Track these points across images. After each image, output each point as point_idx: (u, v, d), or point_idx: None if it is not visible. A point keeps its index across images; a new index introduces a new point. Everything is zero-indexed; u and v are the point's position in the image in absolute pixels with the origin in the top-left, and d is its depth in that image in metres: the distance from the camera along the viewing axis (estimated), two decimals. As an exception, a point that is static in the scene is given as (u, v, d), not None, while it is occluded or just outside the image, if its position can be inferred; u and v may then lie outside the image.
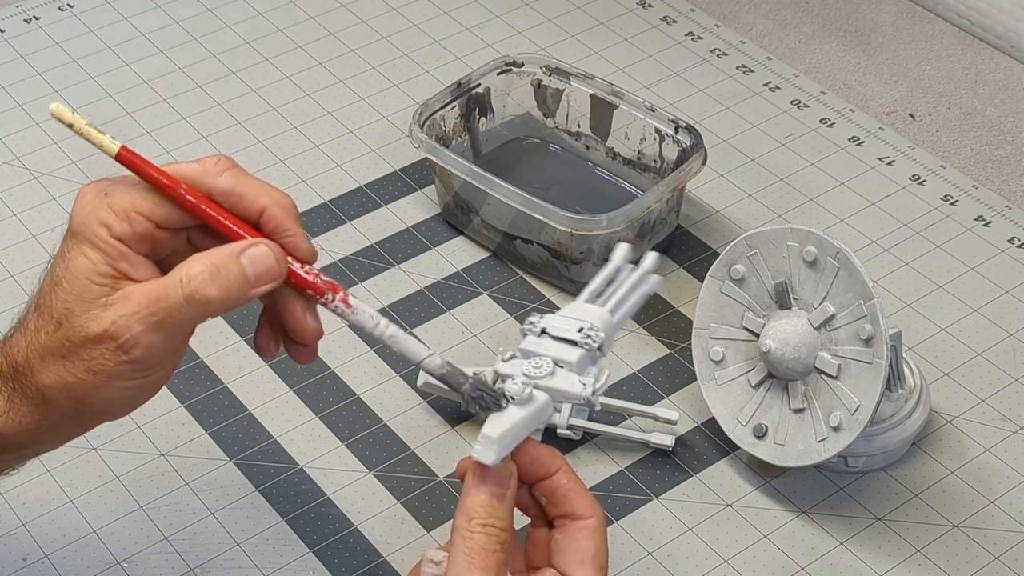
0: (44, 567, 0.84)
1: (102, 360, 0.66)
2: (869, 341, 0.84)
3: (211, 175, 0.67)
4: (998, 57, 1.23)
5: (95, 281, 0.66)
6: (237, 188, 0.67)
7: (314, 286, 0.68)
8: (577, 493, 0.70)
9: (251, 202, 0.68)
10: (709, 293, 0.91)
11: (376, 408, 0.93)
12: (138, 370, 0.67)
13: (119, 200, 0.66)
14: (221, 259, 0.66)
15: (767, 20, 1.26)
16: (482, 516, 0.67)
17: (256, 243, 0.67)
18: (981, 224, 1.06)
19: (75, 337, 0.66)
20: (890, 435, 0.88)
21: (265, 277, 0.66)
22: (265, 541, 0.86)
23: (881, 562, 0.85)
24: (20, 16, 1.24)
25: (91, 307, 0.65)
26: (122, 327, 0.65)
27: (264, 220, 0.68)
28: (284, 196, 0.69)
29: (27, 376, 0.67)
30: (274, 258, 0.67)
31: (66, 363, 0.66)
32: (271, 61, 1.20)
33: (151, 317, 0.65)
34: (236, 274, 0.66)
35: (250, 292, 0.66)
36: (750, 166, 1.11)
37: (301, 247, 0.69)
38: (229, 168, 0.68)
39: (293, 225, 0.68)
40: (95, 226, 0.66)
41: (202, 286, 0.65)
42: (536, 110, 1.09)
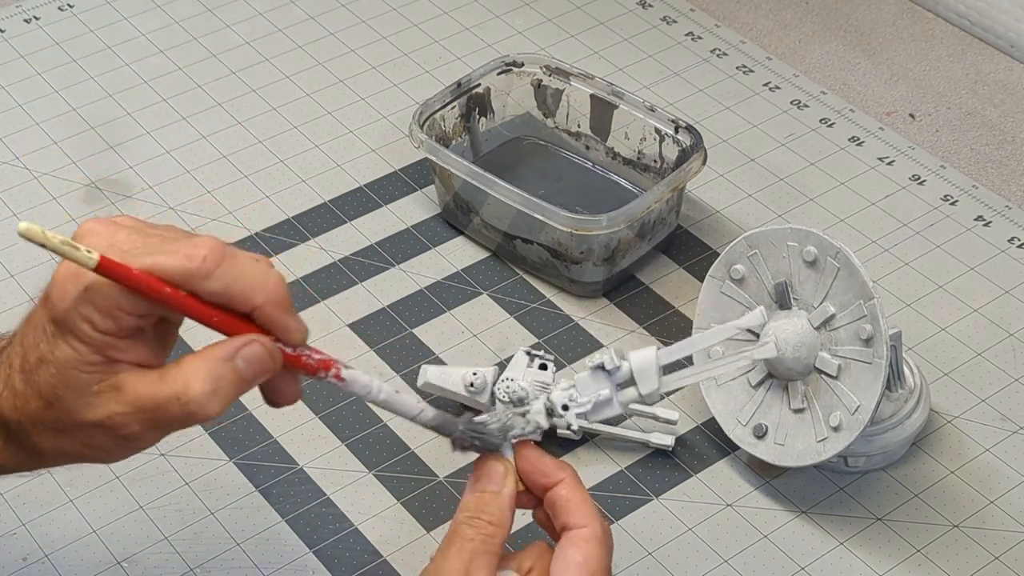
0: (44, 567, 0.84)
1: (100, 440, 0.66)
2: (869, 341, 0.84)
3: (199, 277, 0.64)
4: (998, 57, 1.23)
5: (83, 370, 0.64)
6: (228, 290, 0.64)
7: (307, 367, 0.67)
8: (576, 504, 0.70)
9: (242, 302, 0.65)
10: (709, 293, 0.91)
11: (376, 408, 0.93)
12: (134, 450, 0.67)
13: (102, 298, 0.63)
14: (218, 369, 0.64)
15: (767, 20, 1.26)
16: (471, 510, 0.69)
17: (250, 342, 0.65)
18: (981, 224, 1.06)
19: (69, 419, 0.65)
20: (890, 435, 0.88)
21: (260, 375, 0.66)
22: (265, 541, 0.86)
23: (881, 562, 0.85)
24: (20, 16, 1.24)
25: (83, 394, 0.64)
26: (120, 423, 0.64)
27: (256, 316, 0.66)
28: (277, 287, 0.66)
29: (23, 436, 0.67)
30: (269, 355, 0.65)
31: (63, 436, 0.66)
32: (271, 61, 1.20)
33: (149, 422, 0.65)
34: (233, 380, 0.65)
35: (245, 390, 0.66)
36: (750, 166, 1.11)
37: (293, 338, 0.67)
38: (219, 263, 0.64)
39: (285, 318, 0.66)
40: (78, 321, 0.63)
41: (202, 408, 0.64)
42: (536, 110, 1.09)
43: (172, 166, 1.10)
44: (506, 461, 0.70)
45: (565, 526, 0.69)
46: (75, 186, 1.08)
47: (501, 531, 0.68)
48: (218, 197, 1.07)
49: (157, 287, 0.63)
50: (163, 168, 1.10)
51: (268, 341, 0.66)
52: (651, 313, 0.99)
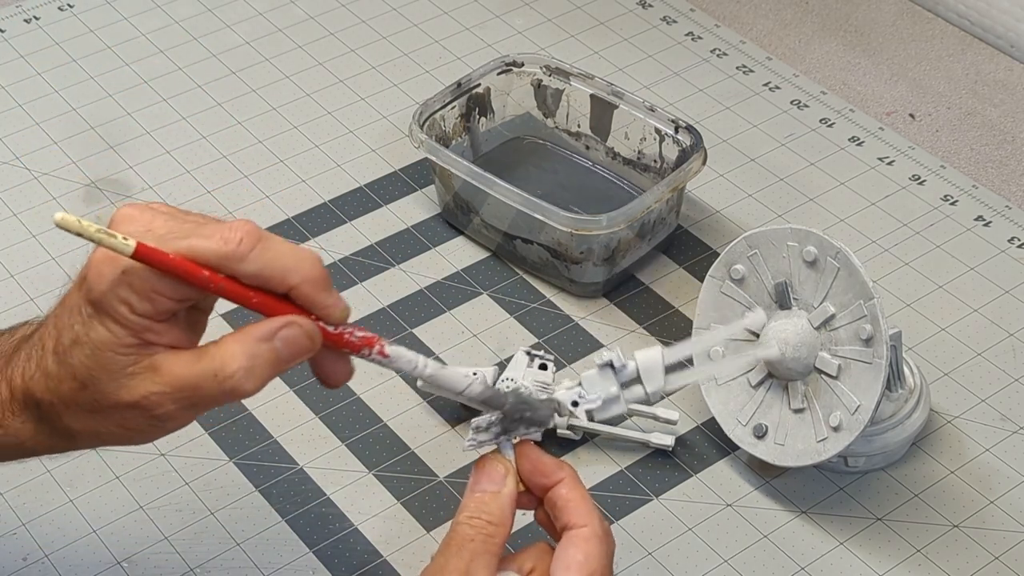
0: (44, 567, 0.84)
1: (134, 421, 0.66)
2: (869, 341, 0.84)
3: (235, 259, 0.64)
4: (998, 57, 1.23)
5: (120, 352, 0.64)
6: (264, 271, 0.65)
7: (350, 345, 0.67)
8: (575, 503, 0.70)
9: (279, 283, 0.65)
10: (709, 293, 0.91)
11: (376, 408, 0.93)
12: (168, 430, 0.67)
13: (139, 281, 0.64)
14: (255, 348, 0.65)
15: (767, 20, 1.26)
16: (472, 510, 0.69)
17: (289, 323, 0.65)
18: (981, 224, 1.06)
19: (104, 400, 0.65)
20: (890, 435, 0.88)
21: (299, 355, 0.66)
22: (265, 541, 0.86)
23: (881, 562, 0.85)
24: (20, 16, 1.24)
25: (118, 376, 0.65)
26: (156, 403, 0.65)
27: (294, 296, 0.66)
28: (313, 267, 0.66)
29: (55, 418, 0.67)
30: (307, 336, 0.66)
31: (96, 417, 0.66)
32: (271, 61, 1.20)
33: (185, 401, 0.65)
34: (270, 360, 0.65)
35: (283, 370, 0.66)
36: (750, 166, 1.11)
37: (332, 316, 0.67)
38: (254, 245, 0.65)
39: (323, 296, 0.66)
40: (116, 304, 0.64)
41: (239, 384, 0.64)
42: (536, 110, 1.09)
43: (172, 166, 1.10)
44: (506, 461, 0.70)
45: (566, 526, 0.69)
46: (75, 186, 1.08)
47: (501, 531, 0.68)
48: (218, 197, 1.07)
49: (194, 271, 0.64)
50: (163, 168, 1.10)
51: (307, 322, 0.66)
52: (651, 313, 0.99)
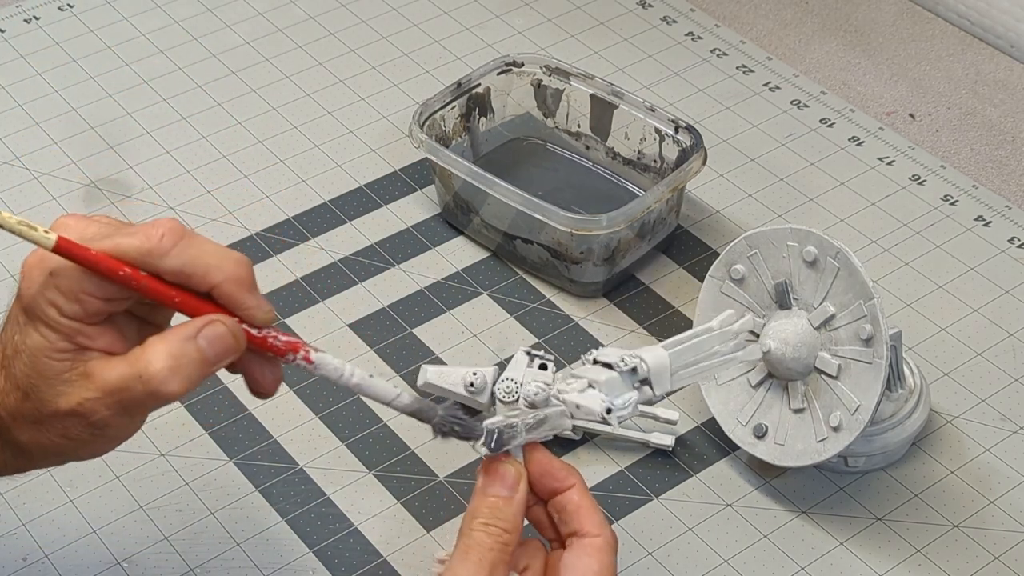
0: (44, 567, 0.84)
1: (74, 431, 0.66)
2: (869, 341, 0.84)
3: (157, 255, 0.65)
4: (998, 57, 1.23)
5: (54, 358, 0.65)
6: (186, 268, 0.65)
7: (274, 348, 0.67)
8: (588, 511, 0.70)
9: (201, 280, 0.65)
10: (709, 293, 0.91)
11: (376, 408, 0.93)
12: (112, 438, 0.68)
13: (66, 282, 0.64)
14: (179, 348, 0.64)
15: (767, 20, 1.26)
16: (485, 516, 0.68)
17: (211, 321, 0.65)
18: (981, 224, 1.06)
19: (44, 409, 0.65)
20: (890, 435, 0.88)
21: (223, 355, 0.66)
22: (265, 541, 0.86)
23: (881, 562, 0.85)
24: (20, 16, 1.24)
25: (55, 383, 0.65)
26: (89, 409, 0.65)
27: (216, 295, 0.66)
28: (236, 266, 0.66)
29: (4, 431, 0.68)
30: (231, 335, 0.66)
31: (40, 428, 0.66)
32: (271, 61, 1.20)
33: (117, 404, 0.65)
34: (195, 360, 0.65)
35: (210, 371, 0.66)
36: (750, 166, 1.11)
37: (256, 318, 0.67)
38: (176, 242, 0.65)
39: (246, 297, 0.66)
40: (45, 307, 0.64)
41: (163, 384, 0.64)
42: (536, 110, 1.09)
43: (172, 166, 1.10)
44: (518, 464, 0.70)
45: (576, 533, 0.70)
46: (75, 186, 1.08)
47: (515, 537, 0.68)
48: (218, 197, 1.07)
49: (115, 266, 0.64)
50: (163, 168, 1.10)
51: (230, 320, 0.66)
52: (651, 313, 0.99)
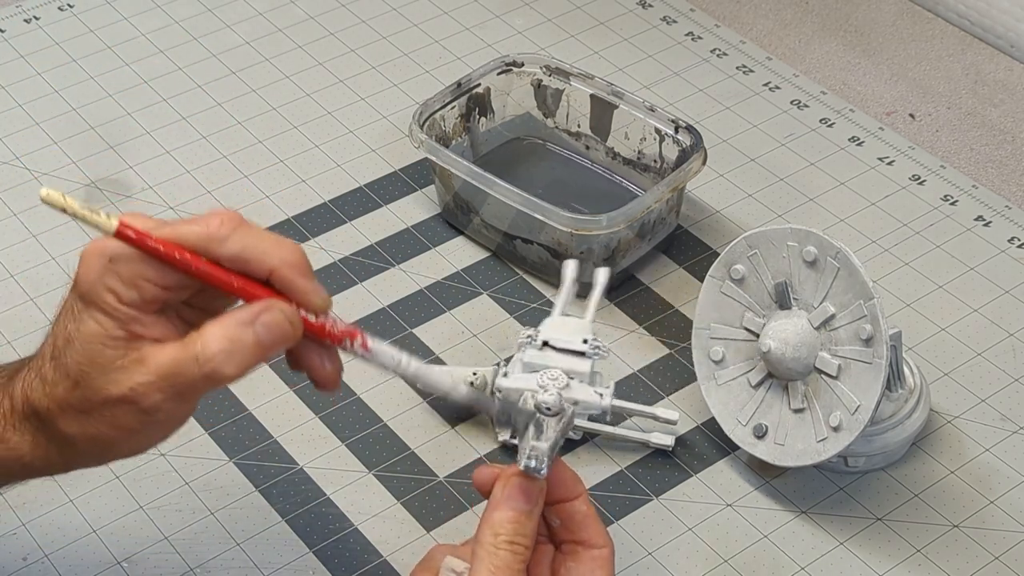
0: (44, 567, 0.84)
1: (124, 419, 0.66)
2: (869, 341, 0.84)
3: (216, 241, 0.65)
4: (998, 57, 1.23)
5: (108, 345, 0.65)
6: (244, 253, 0.66)
7: (331, 335, 0.67)
8: (594, 521, 0.70)
9: (259, 265, 0.66)
10: (709, 293, 0.91)
11: (376, 408, 0.93)
12: (161, 427, 0.67)
13: (125, 268, 0.65)
14: (236, 332, 0.65)
15: (767, 20, 1.26)
16: (509, 533, 0.67)
17: (269, 308, 0.66)
18: (981, 224, 1.06)
19: (95, 397, 0.65)
20: (890, 435, 0.88)
21: (280, 342, 0.66)
22: (265, 541, 0.86)
23: (881, 562, 0.85)
24: (20, 16, 1.24)
25: (107, 370, 0.65)
26: (142, 394, 0.65)
27: (274, 280, 0.66)
28: (293, 252, 0.67)
29: (51, 424, 0.67)
30: (288, 322, 0.66)
31: (88, 418, 0.66)
32: (271, 61, 1.20)
33: (170, 388, 0.65)
34: (251, 345, 0.65)
35: (266, 357, 0.66)
36: (750, 166, 1.11)
37: (313, 303, 0.67)
38: (235, 228, 0.66)
39: (304, 282, 0.67)
40: (103, 293, 0.65)
41: (219, 367, 0.65)
42: (536, 110, 1.09)
43: (172, 166, 1.10)
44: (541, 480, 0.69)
45: (583, 542, 0.70)
46: (75, 186, 1.08)
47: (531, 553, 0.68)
48: (218, 197, 1.07)
49: (175, 251, 0.65)
50: (163, 168, 1.10)
51: (287, 307, 0.66)
52: (651, 313, 0.99)
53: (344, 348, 0.68)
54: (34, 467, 0.70)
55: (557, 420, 0.69)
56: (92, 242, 0.66)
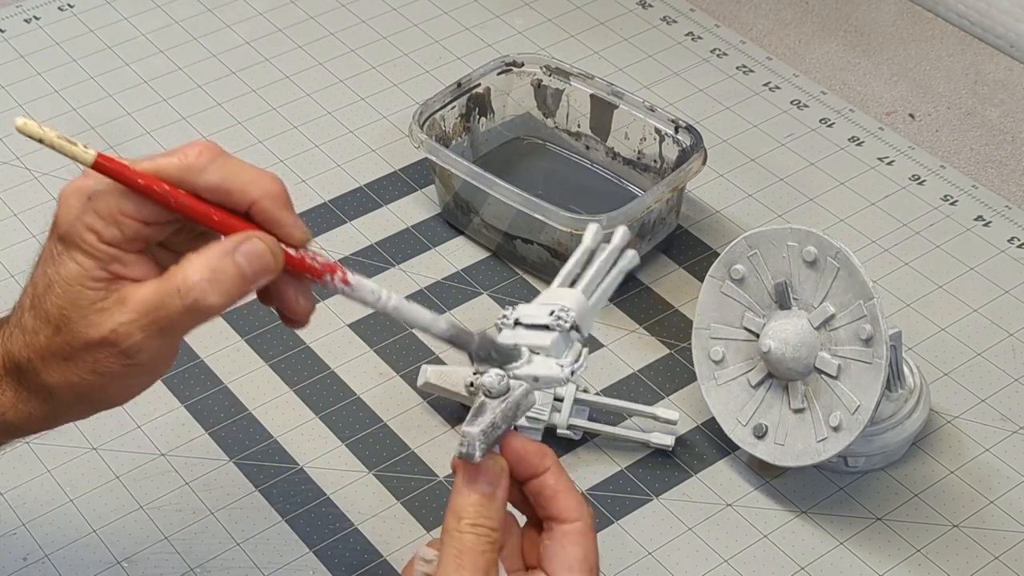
0: (44, 567, 0.84)
1: (106, 363, 0.65)
2: (869, 341, 0.84)
3: (195, 171, 0.65)
4: (998, 57, 1.23)
5: (89, 287, 0.64)
6: (224, 183, 0.65)
7: (312, 270, 0.66)
8: (564, 494, 0.68)
9: (240, 196, 0.65)
10: (709, 293, 0.91)
11: (376, 408, 0.93)
12: (142, 371, 0.66)
13: (104, 205, 0.64)
14: (217, 262, 0.64)
15: (767, 20, 1.26)
16: (472, 516, 0.66)
17: (249, 238, 0.65)
18: (981, 224, 1.06)
19: (75, 342, 0.65)
20: (890, 435, 0.88)
21: (262, 273, 0.65)
22: (265, 541, 0.86)
23: (881, 562, 0.85)
24: (20, 16, 1.24)
25: (88, 312, 0.64)
26: (123, 335, 0.64)
27: (254, 212, 0.66)
28: (273, 183, 0.66)
29: (32, 375, 0.67)
30: (270, 252, 0.65)
31: (69, 364, 0.66)
32: (271, 61, 1.20)
33: (152, 325, 0.64)
34: (233, 275, 0.64)
35: (248, 289, 0.65)
36: (750, 166, 1.11)
37: (294, 236, 0.66)
38: (213, 159, 0.65)
39: (284, 214, 0.66)
40: (83, 232, 0.64)
41: (202, 296, 0.64)
42: (536, 110, 1.09)
43: (172, 166, 1.10)
44: (499, 458, 0.68)
45: (555, 518, 0.68)
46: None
47: (500, 535, 0.67)
48: (218, 197, 1.07)
49: (154, 183, 0.64)
50: (163, 168, 1.10)
51: (268, 237, 0.65)
52: (651, 313, 0.99)
53: (324, 283, 0.67)
54: (17, 425, 0.69)
55: (500, 400, 0.68)
56: (70, 182, 0.66)
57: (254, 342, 0.97)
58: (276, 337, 0.97)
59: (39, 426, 0.70)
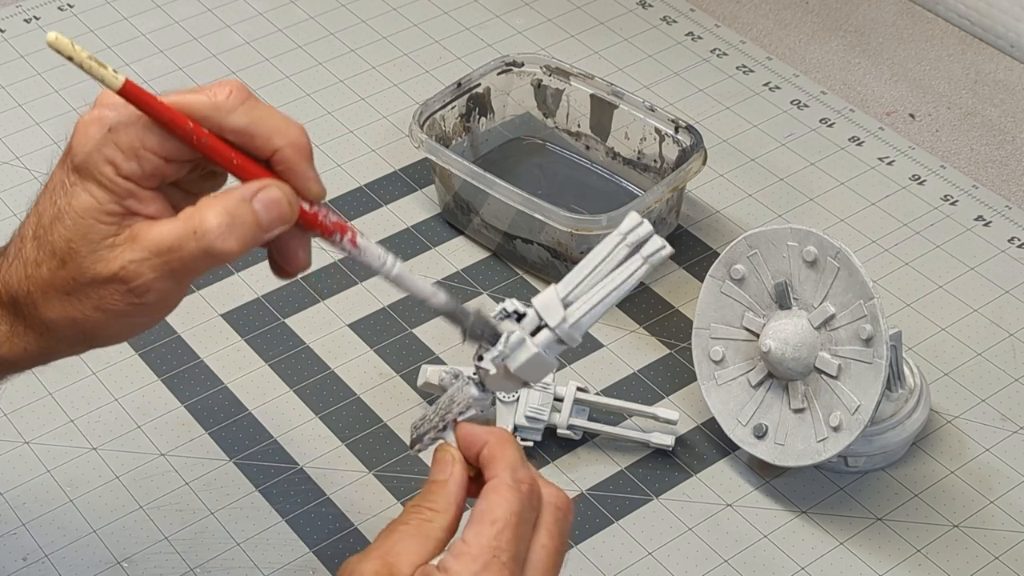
0: (44, 567, 0.84)
1: (111, 300, 0.63)
2: (869, 341, 0.84)
3: (223, 111, 0.63)
4: (998, 57, 1.23)
5: (102, 220, 0.63)
6: (250, 127, 0.64)
7: (323, 226, 0.66)
8: (494, 460, 0.66)
9: (264, 142, 0.64)
10: (709, 293, 0.91)
11: (376, 408, 0.93)
12: (148, 310, 0.65)
13: (125, 137, 0.62)
14: (235, 207, 0.63)
15: (767, 20, 1.26)
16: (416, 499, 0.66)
17: (267, 186, 0.63)
18: (981, 224, 1.06)
19: (82, 277, 0.63)
20: (890, 435, 0.88)
21: (278, 222, 0.64)
22: (265, 541, 0.86)
23: (881, 562, 0.85)
24: (20, 16, 1.24)
25: (98, 247, 0.63)
26: (133, 272, 0.63)
27: (276, 160, 0.64)
28: (298, 133, 0.65)
29: (30, 308, 0.65)
30: (287, 202, 0.64)
31: (72, 299, 0.64)
32: (271, 61, 1.20)
33: (164, 266, 0.63)
34: (250, 223, 0.63)
35: (263, 238, 0.64)
36: (750, 166, 1.11)
37: (311, 189, 0.65)
38: (242, 101, 0.64)
39: (305, 166, 0.65)
40: (101, 164, 0.62)
41: (218, 240, 0.62)
42: (536, 110, 1.09)
43: (172, 166, 1.10)
44: (452, 448, 0.67)
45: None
46: (75, 186, 1.08)
47: (443, 517, 0.65)
48: (218, 197, 1.07)
49: (180, 118, 0.62)
50: (163, 168, 1.10)
51: (286, 188, 0.64)
52: (651, 313, 0.99)
53: (333, 241, 0.66)
54: (11, 360, 0.67)
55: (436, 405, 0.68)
56: (88, 112, 0.64)
57: (254, 342, 0.97)
58: (276, 337, 0.97)
59: (33, 361, 0.68)
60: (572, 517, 0.67)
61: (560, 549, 0.65)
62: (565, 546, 0.65)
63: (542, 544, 0.64)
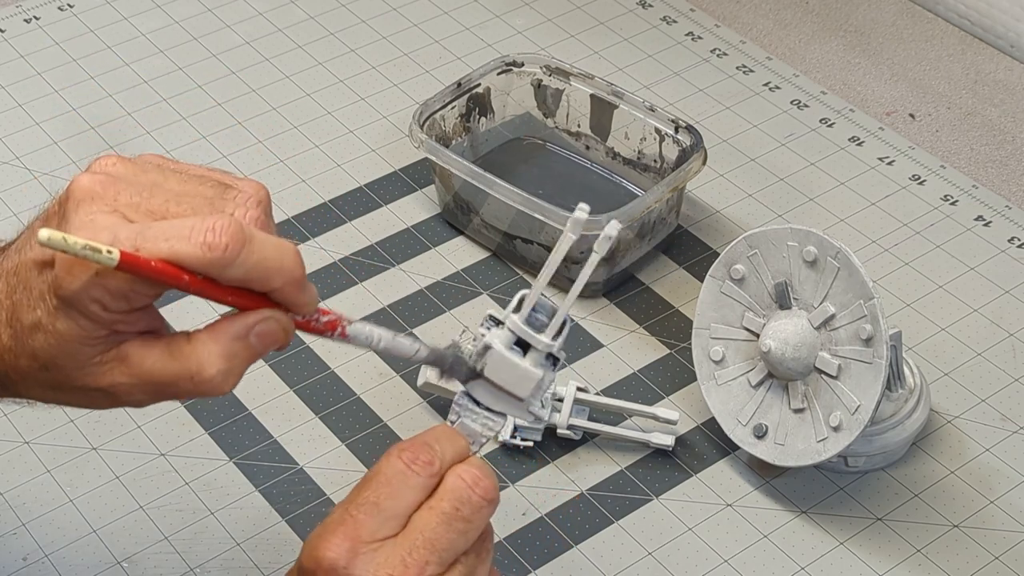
0: (44, 567, 0.84)
1: (99, 400, 0.64)
2: (869, 341, 0.84)
3: (219, 267, 0.61)
4: (998, 57, 1.23)
5: (87, 344, 0.62)
6: (248, 276, 0.62)
7: (315, 330, 0.67)
8: None
9: (261, 285, 0.63)
10: (709, 293, 0.91)
11: (376, 408, 0.93)
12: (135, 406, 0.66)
13: (115, 284, 0.61)
14: (232, 348, 0.63)
15: (767, 20, 1.26)
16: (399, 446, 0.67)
17: (265, 319, 0.64)
18: (981, 224, 1.06)
19: (68, 383, 0.63)
20: (890, 435, 0.88)
21: (271, 347, 0.65)
22: (265, 541, 0.86)
23: (881, 562, 0.86)
24: (20, 16, 1.24)
25: (84, 365, 0.63)
26: (124, 392, 0.63)
27: (273, 295, 0.64)
28: (294, 267, 0.63)
29: (9, 384, 0.65)
30: (282, 330, 0.64)
31: (58, 392, 0.65)
32: (271, 61, 1.20)
33: (155, 392, 0.63)
34: (246, 357, 0.64)
35: (255, 360, 0.65)
36: (750, 166, 1.11)
37: (305, 307, 0.65)
38: (240, 251, 0.61)
39: (302, 296, 0.65)
40: (87, 304, 0.61)
41: (218, 386, 0.63)
42: (536, 110, 1.09)
43: (172, 166, 1.10)
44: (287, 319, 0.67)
45: None
46: (75, 186, 1.08)
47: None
48: (218, 197, 1.07)
49: (176, 276, 0.62)
50: (163, 168, 1.10)
51: (283, 316, 0.64)
52: (651, 313, 0.99)
53: (325, 337, 0.67)
54: None
55: None
56: None
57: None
58: (276, 337, 0.97)
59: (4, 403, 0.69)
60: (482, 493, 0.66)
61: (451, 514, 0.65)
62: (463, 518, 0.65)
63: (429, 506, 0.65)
